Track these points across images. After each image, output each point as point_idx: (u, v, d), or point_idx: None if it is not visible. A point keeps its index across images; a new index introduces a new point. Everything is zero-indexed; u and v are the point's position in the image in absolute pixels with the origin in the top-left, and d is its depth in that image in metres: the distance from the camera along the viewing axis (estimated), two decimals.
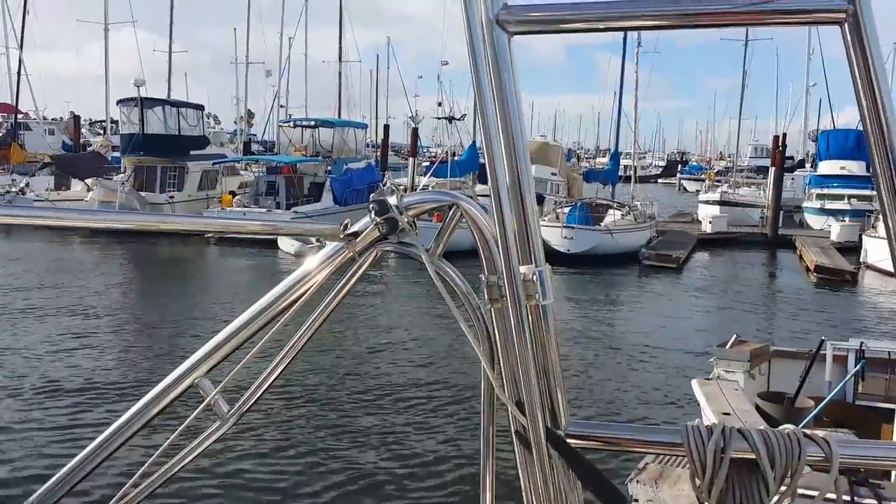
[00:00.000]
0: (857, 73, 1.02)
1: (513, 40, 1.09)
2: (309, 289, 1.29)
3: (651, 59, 74.15)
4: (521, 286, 1.11)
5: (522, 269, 1.11)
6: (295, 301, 1.29)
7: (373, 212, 1.21)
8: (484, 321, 1.21)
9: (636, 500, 6.95)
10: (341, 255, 1.27)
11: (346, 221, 1.26)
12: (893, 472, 6.50)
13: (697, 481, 1.12)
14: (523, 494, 1.19)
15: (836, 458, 1.10)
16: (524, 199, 1.11)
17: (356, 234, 1.25)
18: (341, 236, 1.26)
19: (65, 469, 1.32)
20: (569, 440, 1.15)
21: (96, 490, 5.72)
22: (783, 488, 1.11)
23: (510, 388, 1.17)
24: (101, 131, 59.78)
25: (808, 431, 1.13)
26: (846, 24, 1.01)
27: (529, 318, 1.12)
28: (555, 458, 1.14)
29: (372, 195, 1.23)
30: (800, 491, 1.13)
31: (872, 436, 7.06)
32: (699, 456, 1.10)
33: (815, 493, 1.14)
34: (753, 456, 1.09)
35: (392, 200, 1.20)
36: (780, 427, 1.14)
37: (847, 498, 5.39)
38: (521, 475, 1.19)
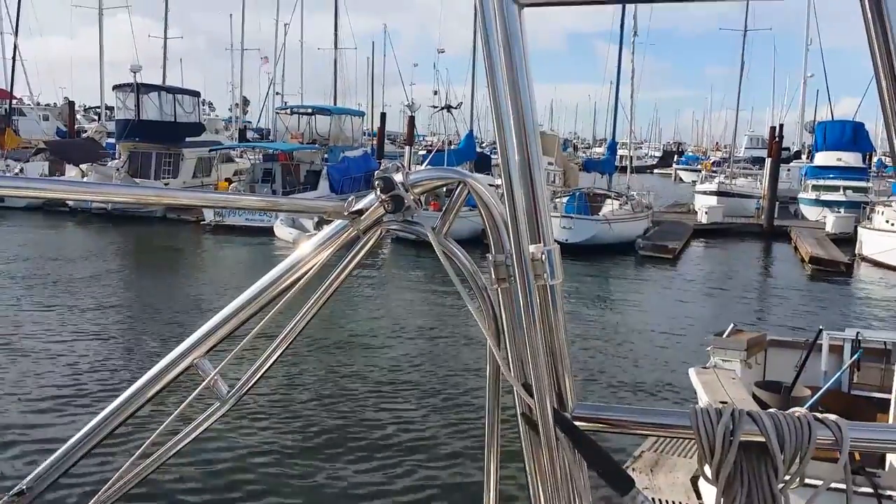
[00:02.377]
0: (876, 49, 1.00)
1: (524, 12, 1.07)
2: (312, 268, 1.27)
3: (648, 49, 73.85)
4: (531, 265, 1.09)
5: (531, 248, 1.10)
6: (297, 280, 1.27)
7: (378, 188, 1.19)
8: (490, 301, 1.19)
9: None
10: (345, 233, 1.25)
11: (350, 198, 1.23)
12: (888, 461, 6.54)
13: (706, 464, 1.11)
14: (528, 476, 1.18)
15: (846, 442, 1.09)
16: (534, 176, 1.09)
17: (360, 212, 1.22)
18: (345, 214, 1.23)
19: (61, 450, 1.30)
20: (576, 422, 1.13)
21: (94, 471, 5.73)
22: (792, 471, 1.10)
23: (516, 370, 1.16)
24: (96, 117, 59.60)
25: (818, 415, 1.12)
26: None
27: (538, 298, 1.11)
28: (562, 439, 1.13)
29: (377, 172, 1.21)
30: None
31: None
32: (708, 439, 1.09)
33: (820, 482, 1.13)
34: (762, 439, 1.08)
35: (398, 177, 1.18)
36: (790, 410, 1.13)
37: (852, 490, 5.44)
38: (526, 457, 1.18)
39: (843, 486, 1.14)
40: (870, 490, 5.36)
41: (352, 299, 17.05)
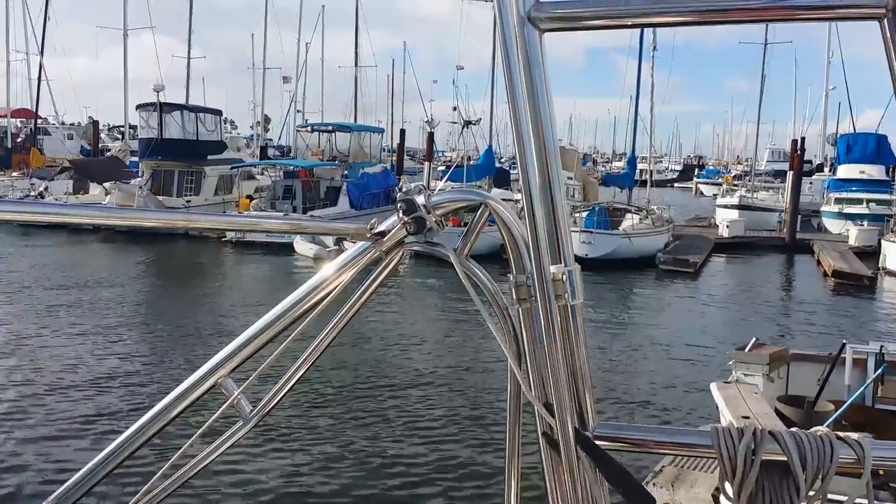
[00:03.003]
0: (895, 62, 1.00)
1: (544, 37, 1.09)
2: (335, 289, 1.28)
3: (668, 63, 73.72)
4: (552, 286, 1.10)
5: (552, 268, 1.10)
6: (320, 301, 1.28)
7: (400, 211, 1.20)
8: (511, 321, 1.20)
9: None
10: (368, 255, 1.26)
11: (373, 220, 1.25)
12: None
13: (727, 484, 1.10)
14: (549, 496, 1.18)
15: (868, 461, 1.09)
16: (554, 197, 1.10)
17: (383, 234, 1.24)
18: (368, 235, 1.24)
19: (85, 468, 1.31)
20: (597, 441, 1.13)
21: (117, 490, 5.74)
22: (814, 490, 1.09)
23: (537, 389, 1.16)
24: (120, 136, 60.29)
25: (840, 434, 1.11)
26: (885, 20, 0.99)
27: (559, 317, 1.11)
28: (583, 458, 1.13)
29: (399, 194, 1.22)
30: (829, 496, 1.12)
31: (893, 440, 7.02)
32: (730, 458, 1.09)
33: (844, 498, 1.13)
34: (784, 458, 1.08)
35: (420, 199, 1.20)
36: (812, 429, 1.13)
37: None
38: (546, 476, 1.18)
39: (865, 502, 1.12)
40: None
41: (372, 315, 17.08)
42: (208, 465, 1.30)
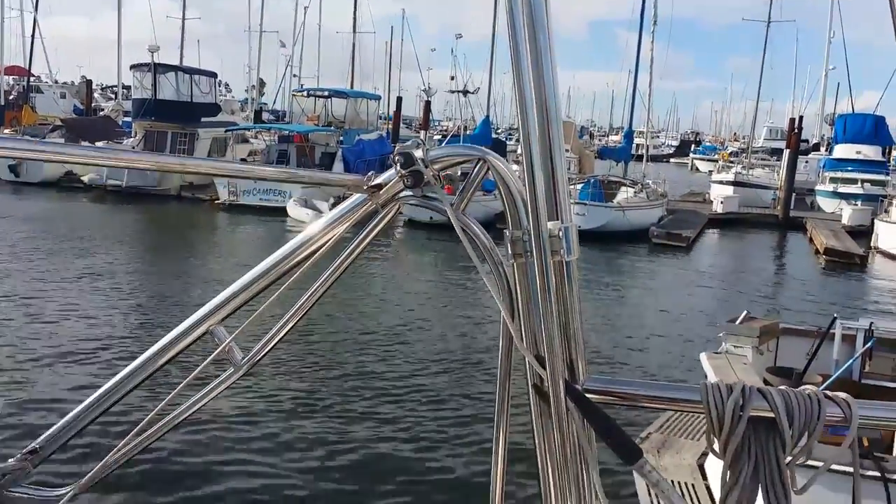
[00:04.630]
0: None
1: None
2: (329, 240, 1.28)
3: (669, 40, 73.17)
4: (548, 241, 1.11)
5: (549, 224, 1.11)
6: (314, 252, 1.29)
7: (398, 164, 1.19)
8: (506, 276, 1.20)
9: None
10: (363, 207, 1.26)
11: (370, 173, 1.24)
12: None
13: (714, 439, 1.11)
14: (537, 447, 1.20)
15: (855, 419, 1.09)
16: (554, 153, 1.10)
17: (380, 186, 1.23)
18: (365, 188, 1.24)
19: (75, 411, 1.31)
20: (586, 394, 1.14)
21: (107, 432, 5.71)
22: (800, 447, 1.10)
23: (529, 343, 1.17)
24: (113, 96, 59.87)
25: (828, 392, 1.12)
26: None
27: (553, 273, 1.12)
28: (572, 410, 1.14)
29: (397, 147, 1.22)
30: (811, 462, 1.12)
31: None
32: (718, 413, 1.10)
33: (832, 466, 1.13)
34: (772, 415, 1.09)
35: (418, 153, 1.19)
36: (801, 387, 1.13)
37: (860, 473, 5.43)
38: (535, 428, 1.19)
39: (850, 468, 1.14)
40: (877, 474, 5.35)
41: (365, 276, 17.13)
42: (198, 409, 1.31)
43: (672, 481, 7.02)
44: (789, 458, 1.10)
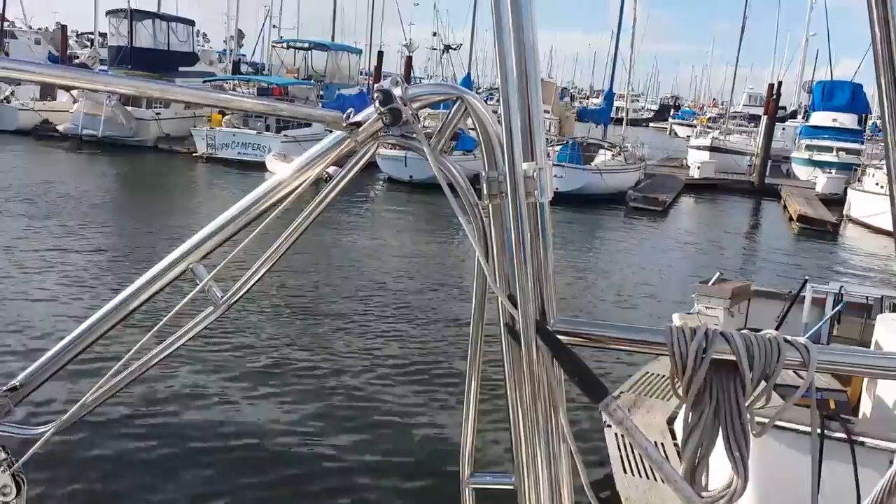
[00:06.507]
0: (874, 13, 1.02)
1: None
2: (308, 178, 1.27)
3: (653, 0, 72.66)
4: (522, 182, 1.11)
5: (524, 165, 1.11)
6: (293, 191, 1.28)
7: (376, 101, 1.18)
8: (481, 217, 1.21)
9: (609, 426, 7.12)
10: (342, 145, 1.25)
11: (349, 110, 1.23)
12: (861, 410, 6.70)
13: (676, 381, 1.14)
14: (506, 385, 1.21)
15: (813, 363, 1.12)
16: (531, 95, 1.10)
17: (359, 124, 1.22)
18: (344, 125, 1.23)
19: (54, 349, 1.30)
20: (557, 335, 1.16)
21: (86, 370, 5.74)
22: (759, 390, 1.13)
23: (502, 283, 1.18)
24: (89, 43, 58.57)
25: (788, 336, 1.14)
26: None
27: (527, 214, 1.13)
28: (542, 349, 1.15)
29: (376, 85, 1.21)
30: (777, 423, 1.16)
31: (842, 378, 7.24)
32: (681, 355, 1.12)
33: (794, 426, 1.18)
34: (734, 357, 1.11)
35: (397, 91, 1.17)
36: (763, 332, 1.16)
37: (818, 431, 5.54)
38: (506, 366, 1.20)
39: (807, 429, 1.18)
40: (843, 436, 5.50)
41: (345, 229, 17.15)
42: (178, 347, 1.30)
43: None
44: (749, 401, 1.13)
